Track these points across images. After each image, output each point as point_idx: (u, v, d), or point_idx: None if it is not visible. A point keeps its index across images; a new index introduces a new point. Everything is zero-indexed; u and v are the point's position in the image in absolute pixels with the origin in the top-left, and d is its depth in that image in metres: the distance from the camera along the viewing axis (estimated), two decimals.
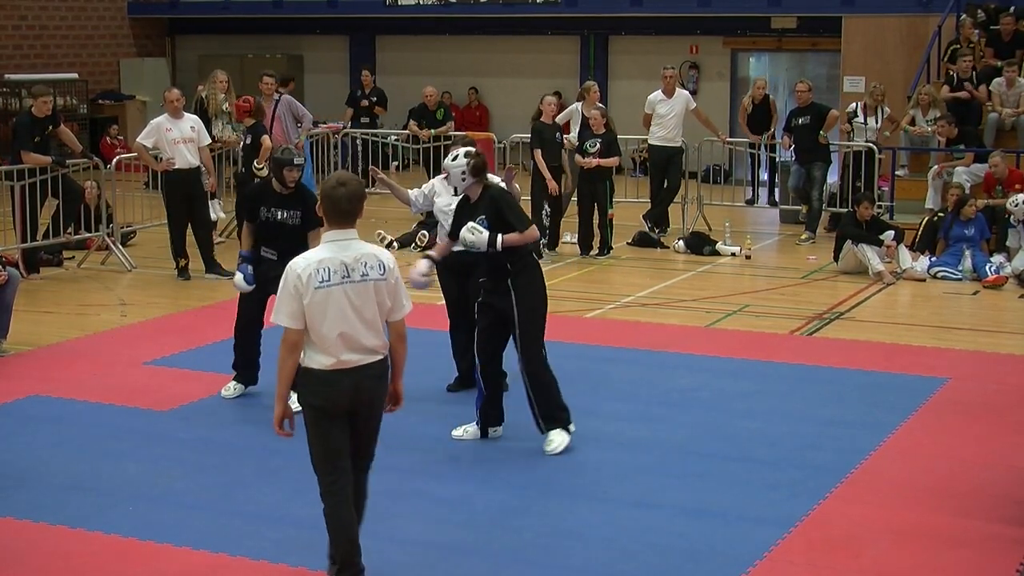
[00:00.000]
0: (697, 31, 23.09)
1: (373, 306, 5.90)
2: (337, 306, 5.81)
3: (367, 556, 6.30)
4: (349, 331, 5.84)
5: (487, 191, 8.18)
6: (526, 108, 16.49)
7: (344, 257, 5.87)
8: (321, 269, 5.83)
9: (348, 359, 5.85)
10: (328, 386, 5.86)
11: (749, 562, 6.44)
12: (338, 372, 5.84)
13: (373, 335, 5.91)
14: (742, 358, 10.55)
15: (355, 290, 5.86)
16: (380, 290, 5.92)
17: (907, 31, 19.75)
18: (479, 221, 8.03)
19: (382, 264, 5.95)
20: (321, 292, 5.79)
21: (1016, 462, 7.94)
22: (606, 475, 7.80)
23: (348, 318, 5.83)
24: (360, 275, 5.88)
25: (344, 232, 5.94)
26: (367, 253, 5.95)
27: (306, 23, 25.59)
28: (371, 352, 5.91)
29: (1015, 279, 13.62)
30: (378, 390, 6.00)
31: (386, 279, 5.94)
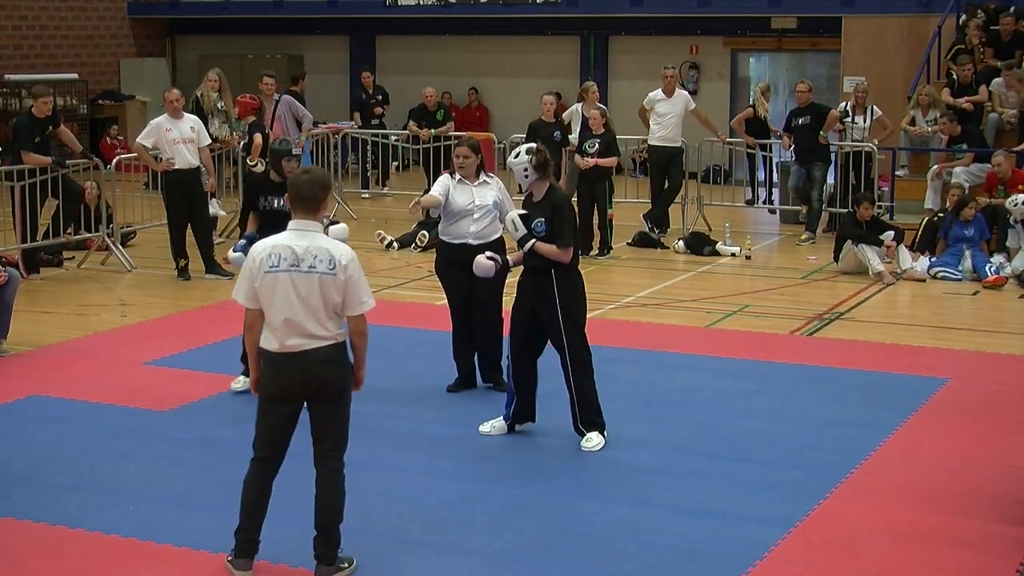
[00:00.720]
0: (697, 31, 23.09)
1: (318, 298, 6.06)
2: (283, 292, 6.05)
3: (367, 555, 6.31)
4: (293, 317, 6.04)
5: (552, 194, 8.22)
6: (526, 108, 16.51)
7: (297, 246, 6.08)
8: (273, 255, 6.09)
9: (294, 343, 6.06)
10: (277, 368, 6.12)
11: (749, 562, 6.44)
12: (286, 355, 6.08)
13: (318, 324, 6.07)
14: (742, 358, 10.55)
15: (301, 279, 6.05)
16: (326, 284, 6.06)
17: (907, 31, 19.76)
18: (538, 223, 8.09)
19: (332, 260, 6.07)
20: (270, 277, 6.06)
21: (1016, 462, 7.94)
22: (606, 475, 7.80)
23: (293, 305, 6.04)
24: (308, 266, 6.05)
25: (306, 223, 6.15)
26: (320, 247, 6.09)
27: (306, 23, 25.59)
28: (318, 338, 6.08)
29: (1015, 279, 13.62)
30: (329, 373, 6.15)
31: (335, 275, 6.06)
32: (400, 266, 14.70)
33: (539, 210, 8.15)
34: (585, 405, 8.28)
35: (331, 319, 6.11)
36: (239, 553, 6.26)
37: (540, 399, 8.62)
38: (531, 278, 8.27)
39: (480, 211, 9.26)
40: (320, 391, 6.15)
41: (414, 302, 12.75)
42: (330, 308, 6.09)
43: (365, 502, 7.29)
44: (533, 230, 8.09)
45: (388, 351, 10.73)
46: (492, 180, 9.46)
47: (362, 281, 6.18)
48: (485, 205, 9.28)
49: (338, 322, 6.15)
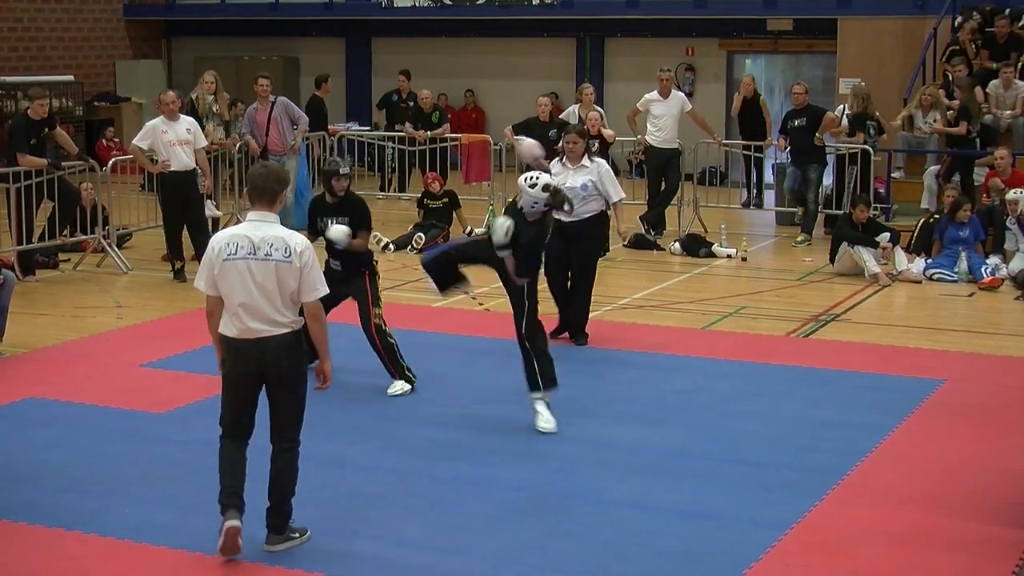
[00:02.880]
0: (693, 33, 23.10)
1: (274, 284, 6.34)
2: (240, 278, 6.35)
3: (365, 558, 6.31)
4: (250, 302, 6.34)
5: (544, 223, 8.78)
6: (522, 110, 16.52)
7: (254, 235, 6.38)
8: (231, 244, 6.40)
9: (252, 328, 6.37)
10: (236, 353, 6.44)
11: (745, 564, 6.45)
12: (245, 341, 6.40)
13: (274, 309, 6.36)
14: (738, 360, 10.55)
15: (258, 266, 6.34)
16: (282, 271, 6.35)
17: (903, 33, 19.78)
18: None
19: (288, 248, 6.37)
20: (228, 264, 6.37)
21: (1012, 464, 7.95)
22: (603, 477, 7.80)
23: (250, 291, 6.34)
24: (264, 254, 6.35)
25: (263, 214, 6.46)
26: (276, 236, 6.40)
27: (302, 25, 25.58)
28: (276, 324, 6.38)
29: (1011, 281, 13.63)
30: (285, 360, 6.43)
31: (290, 262, 6.35)
32: (396, 268, 14.69)
33: (526, 232, 8.61)
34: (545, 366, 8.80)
35: (287, 306, 6.40)
36: (227, 506, 6.47)
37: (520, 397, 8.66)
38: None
39: (568, 192, 9.64)
40: (276, 375, 6.44)
41: (411, 304, 12.74)
42: (287, 295, 6.38)
43: (363, 504, 7.30)
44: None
45: None
46: (591, 165, 10.66)
47: (316, 269, 6.45)
48: (573, 187, 10.29)
49: (295, 309, 6.44)
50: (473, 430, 8.67)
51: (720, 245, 15.58)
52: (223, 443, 6.59)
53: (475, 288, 13.25)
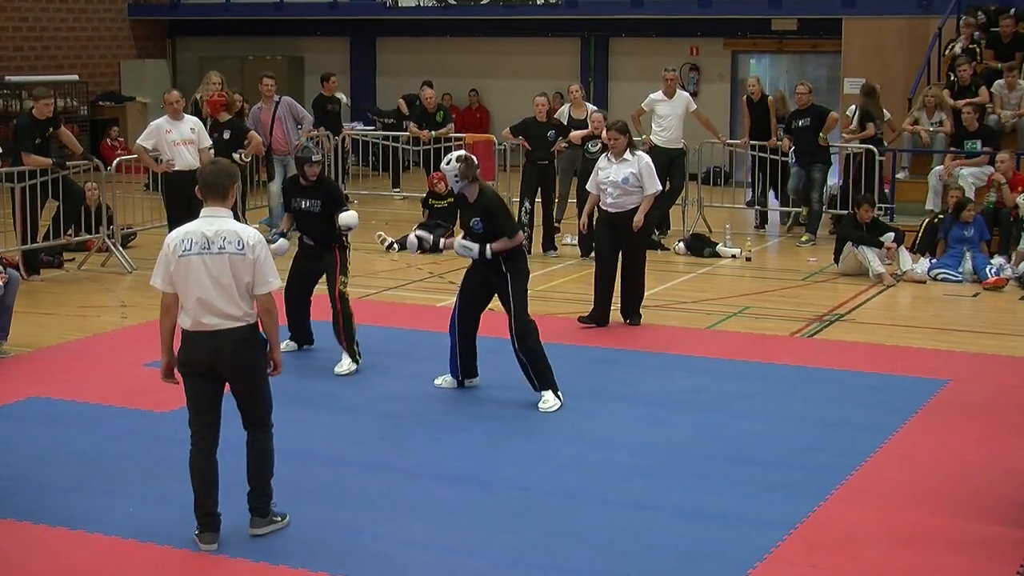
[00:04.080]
0: (697, 33, 23.10)
1: (229, 277, 6.45)
2: (195, 274, 6.45)
3: (369, 557, 6.31)
4: (205, 296, 6.45)
5: (483, 195, 9.22)
6: (526, 110, 16.50)
7: (207, 230, 6.49)
8: (185, 240, 6.51)
9: (207, 322, 6.48)
10: (192, 346, 6.56)
11: (749, 564, 6.44)
12: (200, 334, 6.51)
13: (230, 302, 6.47)
14: (743, 360, 10.55)
15: (212, 261, 6.45)
16: (236, 263, 6.46)
17: (907, 33, 19.76)
18: (474, 222, 9.19)
19: (241, 241, 6.48)
20: (183, 260, 6.47)
21: (1016, 465, 7.94)
22: (607, 476, 7.80)
23: (204, 285, 6.44)
24: (218, 248, 6.45)
25: (215, 209, 6.58)
26: (229, 230, 6.50)
27: (307, 25, 25.60)
28: (230, 318, 6.48)
29: (1016, 281, 13.62)
30: (241, 352, 6.55)
31: (244, 255, 6.47)
32: (400, 267, 14.70)
33: (475, 210, 9.20)
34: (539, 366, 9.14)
35: (243, 299, 6.51)
36: (203, 528, 6.62)
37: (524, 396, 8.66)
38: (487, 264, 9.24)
39: (611, 185, 11.37)
40: (232, 368, 6.56)
41: (414, 303, 12.75)
42: (242, 287, 6.49)
43: (366, 503, 7.30)
44: (472, 229, 9.18)
45: (388, 352, 10.75)
46: (633, 158, 11.43)
47: (269, 262, 6.57)
48: (615, 180, 11.34)
49: (250, 302, 6.56)
50: (477, 429, 8.67)
51: (724, 245, 15.57)
52: (192, 452, 6.70)
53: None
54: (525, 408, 8.86)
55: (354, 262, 14.87)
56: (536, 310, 11.89)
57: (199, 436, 6.68)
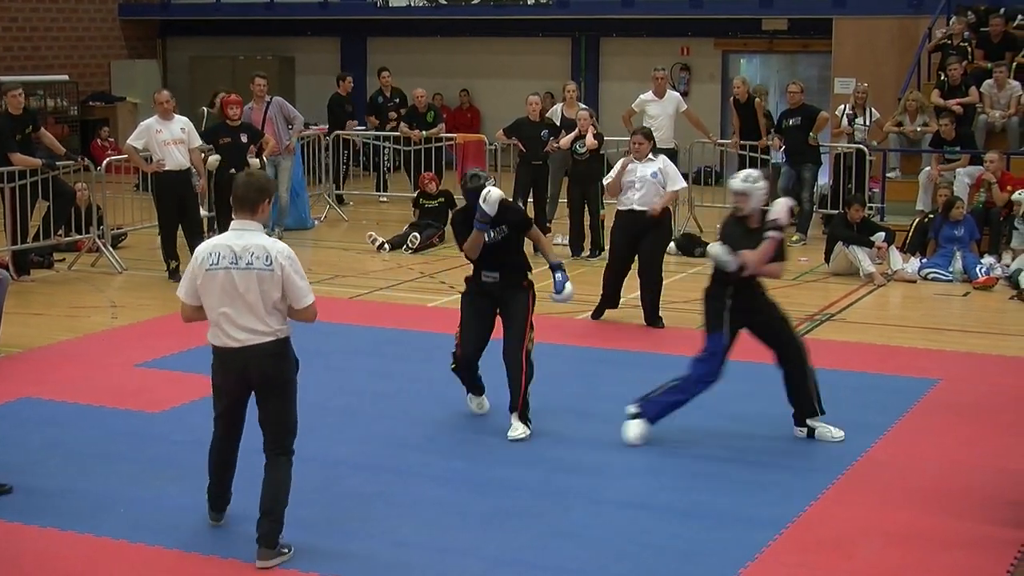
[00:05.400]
0: (688, 32, 23.12)
1: (256, 293, 6.32)
2: (222, 288, 6.34)
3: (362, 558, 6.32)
4: (231, 312, 6.34)
5: (764, 215, 8.47)
6: (517, 110, 16.51)
7: (236, 244, 6.37)
8: (213, 253, 6.39)
9: (235, 337, 6.37)
10: (221, 362, 6.49)
11: (741, 563, 6.45)
12: (229, 350, 6.41)
13: (257, 319, 6.34)
14: (734, 360, 10.51)
15: (240, 276, 6.32)
16: (264, 279, 6.32)
17: (898, 32, 19.79)
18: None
19: (268, 256, 6.34)
20: (210, 274, 6.37)
21: (1007, 464, 7.96)
22: (600, 476, 7.80)
23: (232, 300, 6.33)
24: (245, 263, 6.33)
25: (244, 223, 6.44)
26: (257, 244, 6.36)
27: (297, 25, 25.57)
28: (258, 333, 6.36)
29: (1006, 280, 13.65)
30: (270, 368, 6.42)
31: (272, 270, 6.33)
32: (391, 267, 14.69)
33: (756, 237, 8.34)
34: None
35: (272, 315, 6.37)
36: (212, 507, 6.81)
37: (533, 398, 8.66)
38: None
39: (639, 181, 11.53)
40: (262, 384, 6.44)
41: (406, 304, 12.75)
42: (270, 303, 6.35)
43: (360, 504, 7.30)
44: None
45: (380, 352, 10.75)
46: (657, 158, 11.68)
47: (300, 275, 6.42)
48: (643, 176, 11.53)
49: (280, 318, 6.42)
50: (471, 430, 8.67)
51: (715, 245, 15.55)
52: (213, 439, 6.74)
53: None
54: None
55: (346, 262, 14.97)
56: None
57: (219, 442, 6.72)
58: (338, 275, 14.12)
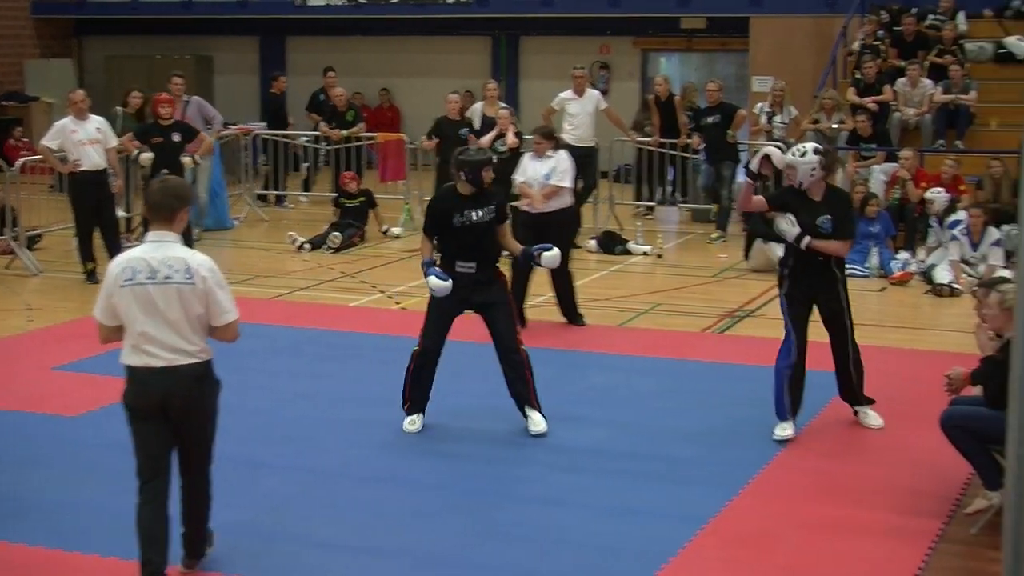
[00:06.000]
0: (607, 31, 23.22)
1: (178, 309, 5.84)
2: (140, 305, 5.84)
3: (284, 559, 6.27)
4: (151, 331, 5.83)
5: (832, 191, 8.60)
6: (437, 108, 16.50)
7: (152, 258, 5.87)
8: (128, 268, 5.88)
9: (158, 356, 5.85)
10: (139, 384, 5.91)
11: (663, 559, 6.49)
12: (147, 370, 5.86)
13: (180, 337, 5.85)
14: (655, 356, 10.62)
15: (158, 291, 5.83)
16: (185, 294, 5.84)
17: (814, 31, 20.01)
18: (823, 220, 8.35)
19: (188, 269, 5.86)
20: (126, 290, 5.85)
21: (922, 455, 8.06)
22: (523, 474, 7.82)
23: (151, 318, 5.83)
24: (163, 277, 5.84)
25: (161, 234, 5.94)
26: (176, 256, 5.88)
27: (216, 24, 25.33)
28: (182, 353, 5.87)
29: (921, 275, 13.84)
30: (195, 394, 5.95)
31: (192, 284, 5.85)
32: (312, 267, 14.62)
33: (822, 209, 8.39)
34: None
35: (196, 333, 5.90)
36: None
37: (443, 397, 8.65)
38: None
39: (533, 182, 11.38)
40: (184, 409, 5.94)
41: (326, 303, 12.69)
42: (193, 320, 5.87)
43: (279, 505, 7.25)
44: (819, 226, 8.33)
45: (301, 353, 10.69)
46: (554, 155, 11.45)
47: (224, 290, 5.95)
48: (536, 177, 11.37)
49: (204, 337, 5.96)
50: (391, 430, 8.63)
51: (635, 242, 15.67)
52: (140, 504, 6.00)
53: (393, 285, 13.26)
54: (438, 407, 8.84)
55: (266, 262, 14.88)
56: None
57: (150, 486, 5.99)
58: (258, 275, 14.03)
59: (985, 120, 17.32)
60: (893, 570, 6.41)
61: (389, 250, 15.76)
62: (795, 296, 8.60)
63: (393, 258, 15.21)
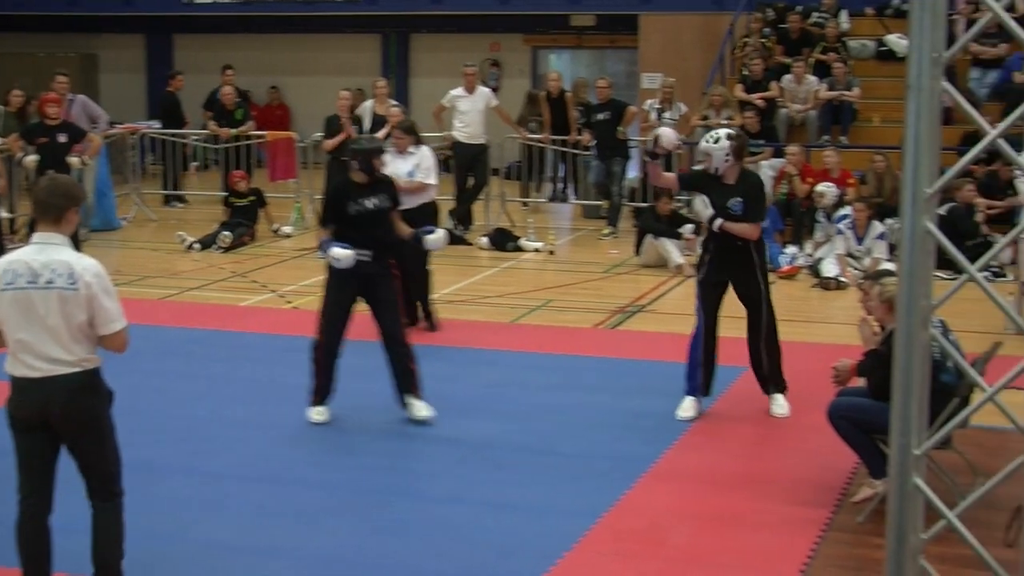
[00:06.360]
0: (497, 29, 23.26)
1: (58, 316, 5.46)
2: (19, 310, 5.49)
3: (167, 563, 6.20)
4: (30, 338, 5.49)
5: (745, 175, 8.85)
6: (327, 107, 16.42)
7: (35, 260, 5.50)
8: (8, 271, 5.52)
9: (35, 367, 5.51)
10: (19, 394, 5.60)
11: (558, 553, 6.52)
12: (27, 380, 5.55)
13: (60, 346, 5.49)
14: (548, 353, 10.66)
15: (39, 296, 5.47)
16: (67, 300, 5.45)
17: (703, 28, 20.23)
18: (734, 202, 8.63)
19: (72, 273, 5.46)
20: (7, 295, 5.50)
21: (811, 446, 8.19)
22: (417, 472, 7.82)
23: (30, 324, 5.48)
24: (45, 282, 5.47)
25: (47, 235, 5.57)
26: (60, 260, 5.49)
27: (100, 21, 24.95)
28: (60, 363, 5.51)
29: (808, 269, 14.05)
30: (75, 403, 5.57)
31: (76, 289, 5.45)
32: (202, 267, 14.47)
33: (735, 191, 8.67)
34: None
35: (78, 342, 5.51)
36: None
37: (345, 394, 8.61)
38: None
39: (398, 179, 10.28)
40: (64, 422, 5.59)
41: (217, 303, 12.57)
42: (75, 328, 5.49)
43: (173, 507, 7.17)
44: (730, 208, 8.60)
45: (192, 353, 10.57)
46: (417, 151, 11.15)
47: (110, 297, 5.54)
48: (398, 174, 10.63)
49: (89, 346, 5.57)
50: (284, 429, 8.58)
51: (527, 239, 15.72)
52: (20, 519, 5.73)
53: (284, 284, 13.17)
54: (335, 405, 8.79)
55: (155, 263, 14.68)
56: None
57: (28, 501, 5.70)
58: (147, 276, 13.84)
59: (868, 116, 17.67)
60: (783, 560, 6.50)
61: (280, 249, 15.65)
62: (708, 282, 8.83)
63: (284, 257, 15.11)
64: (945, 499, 3.80)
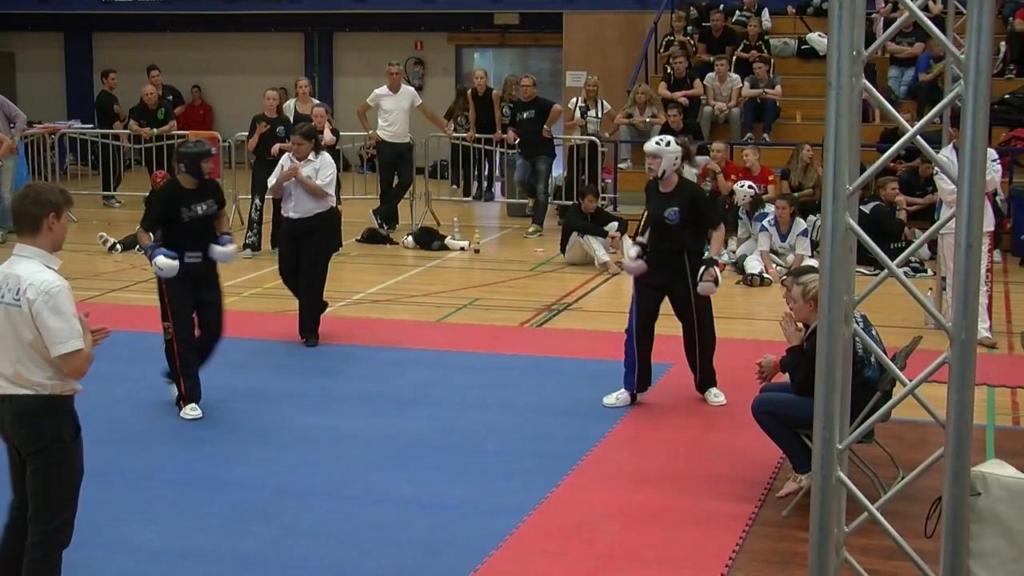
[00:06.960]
0: (422, 27, 23.23)
1: (10, 333, 5.23)
2: None
3: (96, 566, 6.12)
4: None
5: (684, 185, 8.87)
6: (251, 106, 16.30)
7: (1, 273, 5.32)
8: None
9: None
10: None
11: (485, 551, 6.52)
12: None
13: (13, 364, 5.24)
14: (473, 351, 10.66)
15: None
16: (13, 317, 5.21)
17: (625, 27, 20.33)
18: (671, 212, 8.70)
19: (19, 289, 5.20)
20: None
21: (736, 442, 8.24)
22: (342, 472, 7.77)
23: None
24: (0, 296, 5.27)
25: (20, 247, 5.34)
26: (14, 274, 5.25)
27: (17, 19, 24.60)
28: (13, 382, 5.27)
29: (732, 266, 14.14)
30: (21, 429, 5.32)
31: (20, 307, 5.19)
32: (124, 268, 14.32)
33: (673, 200, 8.74)
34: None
35: (35, 362, 5.25)
36: None
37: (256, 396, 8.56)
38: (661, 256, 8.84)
39: (294, 188, 10.60)
40: (17, 445, 5.38)
41: (139, 305, 12.43)
42: (27, 347, 5.22)
43: (92, 511, 7.06)
44: (667, 218, 8.70)
45: (111, 355, 10.40)
46: (316, 159, 10.69)
47: (59, 316, 5.21)
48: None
49: (48, 370, 5.29)
50: (207, 429, 8.51)
51: (453, 238, 15.71)
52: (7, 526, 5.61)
53: None
54: (255, 408, 8.73)
55: (75, 264, 14.49)
56: (259, 307, 11.80)
57: (14, 514, 5.57)
58: (68, 278, 13.56)
59: (790, 113, 17.84)
60: (709, 554, 6.54)
61: None
62: (642, 283, 9.01)
63: None
64: (867, 492, 3.84)
